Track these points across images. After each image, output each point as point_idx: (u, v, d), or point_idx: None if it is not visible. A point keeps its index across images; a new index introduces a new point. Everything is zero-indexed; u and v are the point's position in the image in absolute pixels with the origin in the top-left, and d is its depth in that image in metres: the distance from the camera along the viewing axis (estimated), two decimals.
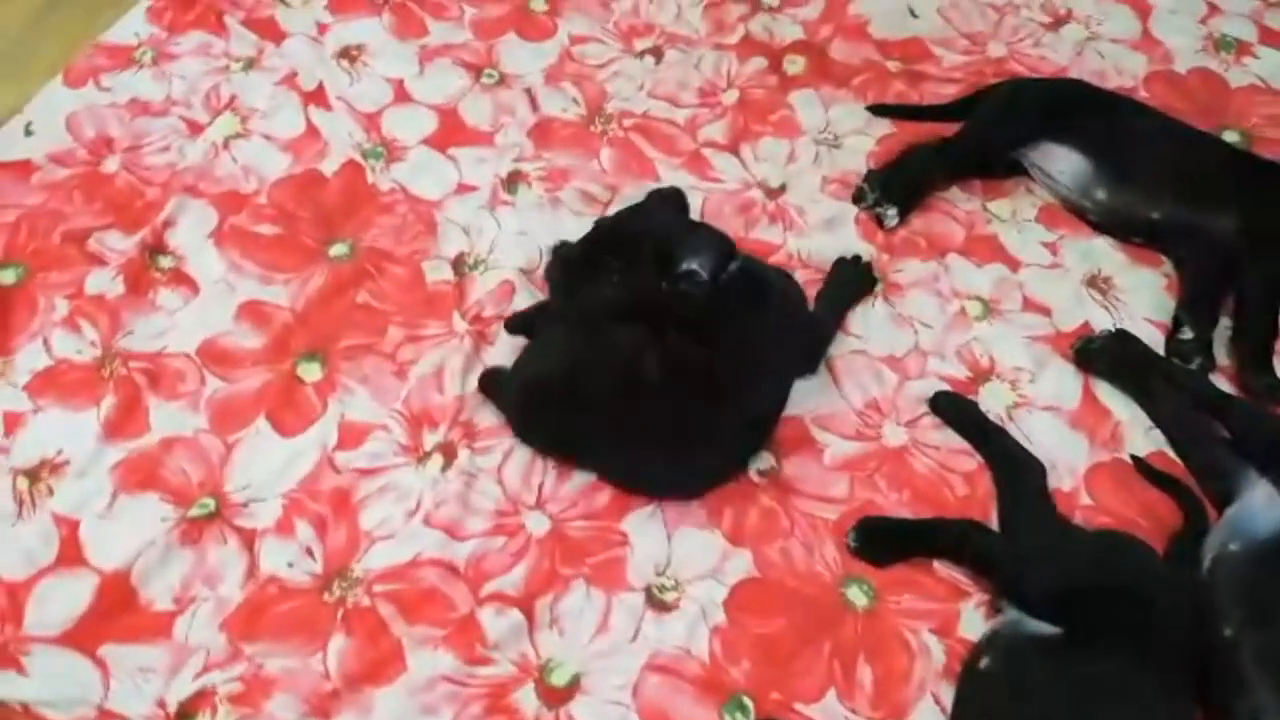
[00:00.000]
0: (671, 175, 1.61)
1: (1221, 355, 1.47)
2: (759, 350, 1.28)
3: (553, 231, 1.52)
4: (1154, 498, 1.35)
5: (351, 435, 1.32)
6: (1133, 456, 1.39)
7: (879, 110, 1.73)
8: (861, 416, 1.40)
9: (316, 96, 1.67)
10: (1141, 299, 1.54)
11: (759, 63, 1.78)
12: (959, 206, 1.63)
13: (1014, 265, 1.57)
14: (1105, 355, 1.46)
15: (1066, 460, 1.37)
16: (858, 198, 1.60)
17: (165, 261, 1.47)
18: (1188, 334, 1.48)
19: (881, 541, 1.30)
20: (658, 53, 1.78)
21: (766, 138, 1.68)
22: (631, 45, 1.79)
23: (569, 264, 1.24)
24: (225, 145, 1.60)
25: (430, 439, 1.33)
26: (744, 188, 1.62)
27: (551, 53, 1.77)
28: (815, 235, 1.57)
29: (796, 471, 1.34)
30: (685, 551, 1.27)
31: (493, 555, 1.24)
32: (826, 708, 1.17)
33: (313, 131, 1.63)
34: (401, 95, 1.69)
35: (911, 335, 1.48)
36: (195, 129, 1.62)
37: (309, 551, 1.23)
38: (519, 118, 1.67)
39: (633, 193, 1.58)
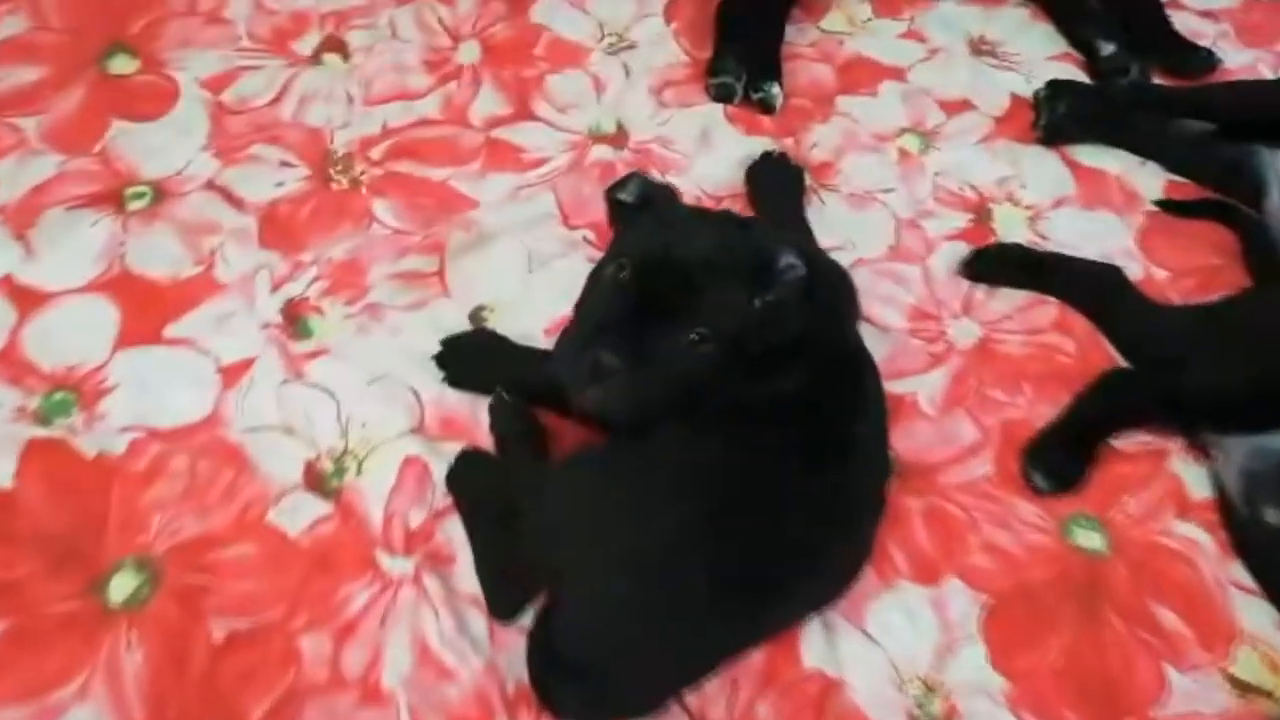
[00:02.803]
0: (487, 187, 1.11)
1: None
2: (848, 348, 0.90)
3: (409, 353, 0.99)
4: (1205, 233, 1.18)
5: None
6: (1155, 202, 1.20)
7: None
8: (918, 335, 1.07)
9: None
10: (1028, 42, 1.36)
11: None
12: (801, 44, 1.30)
13: (898, 74, 1.29)
14: (1060, 120, 1.23)
15: (1115, 245, 1.17)
16: (724, 95, 1.20)
17: None
18: (1107, 47, 1.30)
19: (1062, 460, 1.01)
20: (334, 45, 1.21)
21: (550, 78, 1.22)
22: (289, 50, 1.20)
23: (628, 354, 0.72)
24: None
25: None
26: (580, 152, 1.16)
27: (195, 113, 1.13)
28: (699, 162, 1.17)
29: (911, 443, 1.00)
30: (893, 637, 0.89)
31: None
32: (1184, 690, 0.88)
33: None
34: (27, 301, 1.00)
35: (884, 211, 1.16)
36: None
37: None
38: (231, 226, 1.06)
39: (464, 238, 1.07)
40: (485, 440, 0.95)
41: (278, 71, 1.17)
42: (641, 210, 0.84)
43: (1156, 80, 1.30)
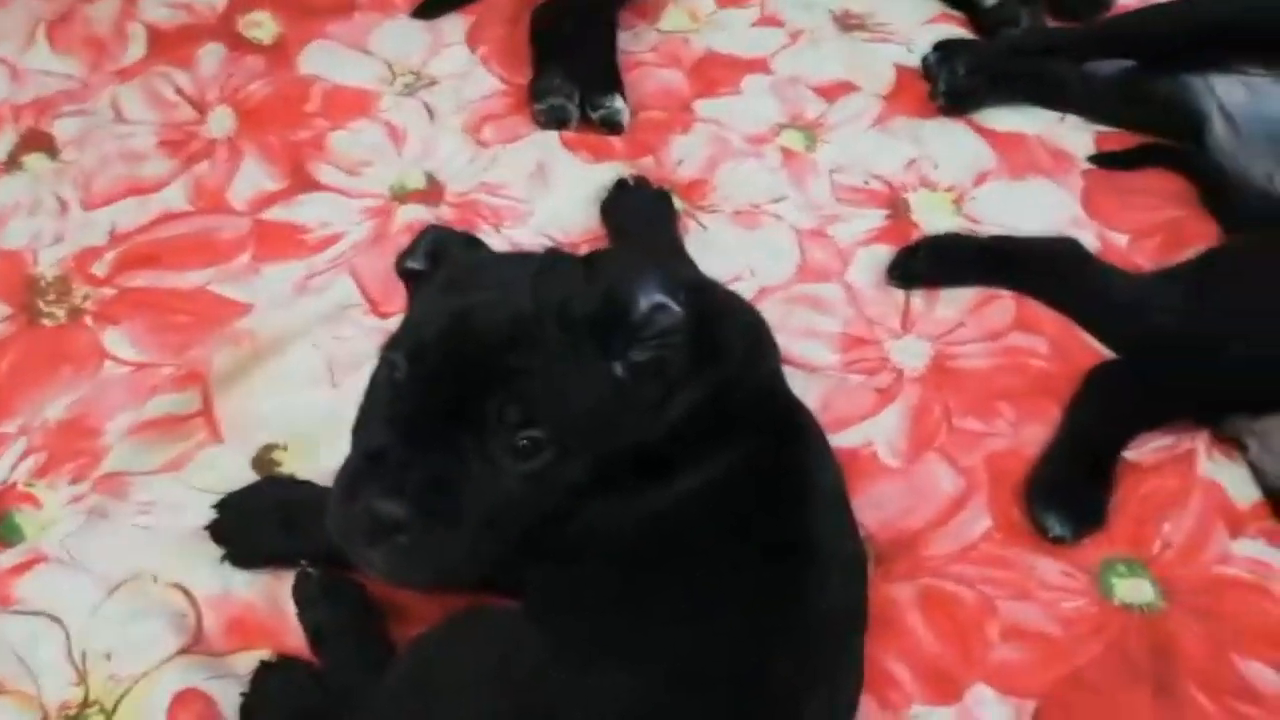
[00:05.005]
0: (261, 285, 0.83)
1: None
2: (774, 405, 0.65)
3: (170, 536, 0.69)
4: (1155, 183, 1.00)
5: None
6: (1090, 159, 1.01)
7: (431, 10, 1.07)
8: (855, 368, 0.84)
9: None
10: (899, 9, 1.19)
11: (214, 49, 1.01)
12: (639, 49, 1.08)
13: (761, 66, 1.08)
14: (961, 83, 1.04)
15: (1060, 216, 0.98)
16: (557, 120, 0.96)
17: None
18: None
19: (1075, 492, 0.78)
20: (37, 142, 0.92)
21: (333, 136, 0.95)
22: None
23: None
24: None
25: None
26: (383, 219, 0.89)
27: None
28: (540, 206, 0.92)
29: (879, 510, 0.76)
30: None
31: None
32: None
33: None
34: None
35: (780, 225, 0.93)
36: None
37: None
38: None
39: (234, 356, 0.78)
40: (298, 641, 0.65)
41: None
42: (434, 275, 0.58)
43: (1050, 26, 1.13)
